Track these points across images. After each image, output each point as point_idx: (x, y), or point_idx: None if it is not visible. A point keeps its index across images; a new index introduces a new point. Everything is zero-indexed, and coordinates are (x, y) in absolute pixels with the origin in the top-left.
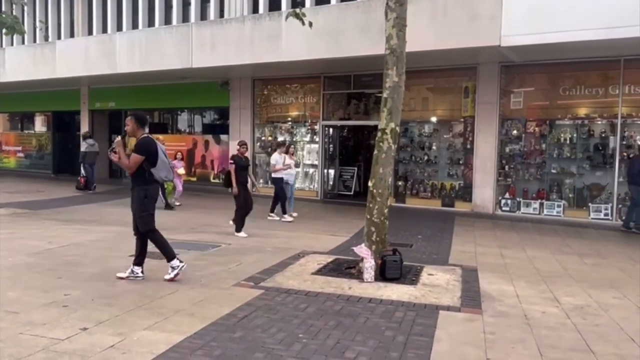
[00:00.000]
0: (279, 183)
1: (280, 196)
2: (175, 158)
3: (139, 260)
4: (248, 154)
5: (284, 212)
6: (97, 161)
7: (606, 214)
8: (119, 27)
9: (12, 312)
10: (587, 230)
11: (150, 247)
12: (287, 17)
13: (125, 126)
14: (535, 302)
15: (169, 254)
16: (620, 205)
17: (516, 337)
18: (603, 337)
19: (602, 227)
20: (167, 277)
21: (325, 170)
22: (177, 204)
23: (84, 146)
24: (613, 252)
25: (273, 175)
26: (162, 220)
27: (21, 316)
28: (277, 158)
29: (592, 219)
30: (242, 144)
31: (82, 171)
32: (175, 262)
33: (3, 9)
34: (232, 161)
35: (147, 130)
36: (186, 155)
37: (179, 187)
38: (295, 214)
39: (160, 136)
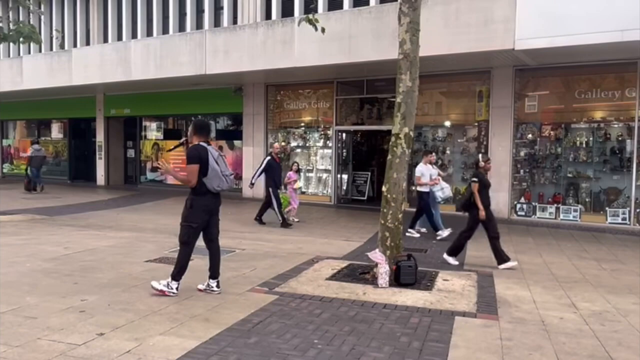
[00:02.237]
0: (425, 197)
1: (425, 211)
2: (292, 169)
3: (211, 272)
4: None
5: (436, 229)
6: (115, 168)
7: (624, 219)
8: (134, 35)
9: (30, 317)
10: (604, 235)
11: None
12: (299, 23)
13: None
14: (552, 307)
15: (178, 273)
16: (638, 210)
17: (534, 343)
18: (623, 344)
19: (620, 231)
20: (155, 284)
21: (339, 175)
22: (296, 220)
23: (30, 151)
24: (631, 257)
25: (418, 188)
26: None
27: (39, 321)
28: (422, 170)
29: (610, 223)
30: (486, 160)
31: (29, 174)
32: (174, 284)
33: (21, 18)
34: (475, 179)
35: (208, 137)
36: None
37: (295, 203)
38: (423, 230)
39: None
